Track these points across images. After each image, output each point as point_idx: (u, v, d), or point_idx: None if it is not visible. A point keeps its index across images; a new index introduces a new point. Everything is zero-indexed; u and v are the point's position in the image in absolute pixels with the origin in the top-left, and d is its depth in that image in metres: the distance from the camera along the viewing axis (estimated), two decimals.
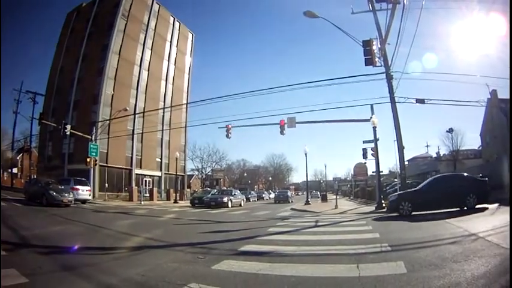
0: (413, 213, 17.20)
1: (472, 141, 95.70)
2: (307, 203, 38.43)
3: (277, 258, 7.95)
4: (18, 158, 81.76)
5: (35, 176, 51.00)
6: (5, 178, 62.73)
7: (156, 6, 60.04)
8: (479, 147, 51.89)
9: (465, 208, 16.54)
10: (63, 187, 27.96)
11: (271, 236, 11.69)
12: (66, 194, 25.56)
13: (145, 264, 7.27)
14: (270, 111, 43.60)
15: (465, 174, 21.36)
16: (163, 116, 57.29)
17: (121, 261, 7.90)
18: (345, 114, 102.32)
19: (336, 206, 28.12)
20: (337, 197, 35.77)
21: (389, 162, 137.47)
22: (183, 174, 64.91)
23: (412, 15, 17.57)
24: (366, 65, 20.93)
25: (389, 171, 72.49)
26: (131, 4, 53.56)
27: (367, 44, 20.89)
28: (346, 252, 8.19)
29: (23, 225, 13.24)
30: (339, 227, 14.29)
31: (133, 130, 50.60)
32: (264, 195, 69.32)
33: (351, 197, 58.70)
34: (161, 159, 58.90)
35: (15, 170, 64.61)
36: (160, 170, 58.78)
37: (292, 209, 29.80)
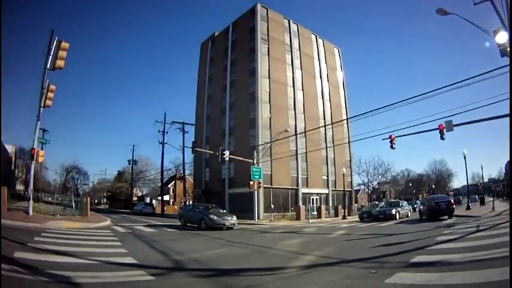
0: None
1: None
2: (468, 208, 38.02)
3: (445, 267, 7.67)
4: (169, 185, 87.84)
5: (190, 202, 53.94)
6: (155, 205, 67.40)
7: (294, 26, 59.62)
8: None
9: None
10: (224, 211, 28.46)
11: (438, 245, 11.56)
12: (228, 218, 25.26)
13: (315, 282, 7.21)
14: (427, 116, 40.36)
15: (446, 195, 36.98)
16: (325, 133, 56.34)
17: (290, 281, 7.75)
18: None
19: (493, 209, 29.14)
20: (494, 199, 37.73)
21: None
22: (350, 189, 63.22)
23: None
24: (501, 56, 18.53)
25: None
26: (268, 27, 54.51)
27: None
28: None
29: (178, 250, 12.92)
30: (499, 229, 13.96)
31: (296, 150, 50.49)
32: None
33: (504, 198, 53.94)
34: (327, 176, 57.95)
35: (166, 197, 68.79)
36: (327, 187, 57.78)
37: (454, 215, 29.41)
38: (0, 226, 12.48)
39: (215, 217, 24.32)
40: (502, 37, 17.82)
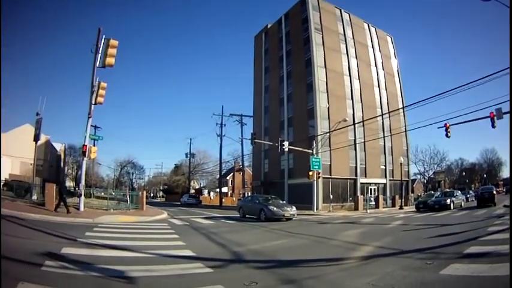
0: None
1: None
2: None
3: (495, 258, 7.90)
4: (228, 177, 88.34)
5: (249, 193, 54.71)
6: (212, 198, 67.93)
7: (346, 15, 58.61)
8: None
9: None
10: (283, 202, 28.58)
11: (489, 236, 11.89)
12: (287, 208, 24.93)
13: (374, 273, 7.25)
14: (480, 103, 39.05)
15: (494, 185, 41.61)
16: (382, 122, 55.47)
17: (348, 272, 7.83)
18: None
19: None
20: None
21: None
22: (407, 179, 61.50)
23: None
24: None
25: None
26: (320, 17, 53.89)
27: None
28: None
29: (237, 242, 12.94)
30: None
31: (354, 140, 50.35)
32: None
33: None
34: (385, 166, 56.88)
35: (225, 189, 69.07)
36: (385, 177, 56.71)
37: (504, 205, 30.92)
38: (0, 222, 12.06)
39: (274, 208, 24.15)
40: None
